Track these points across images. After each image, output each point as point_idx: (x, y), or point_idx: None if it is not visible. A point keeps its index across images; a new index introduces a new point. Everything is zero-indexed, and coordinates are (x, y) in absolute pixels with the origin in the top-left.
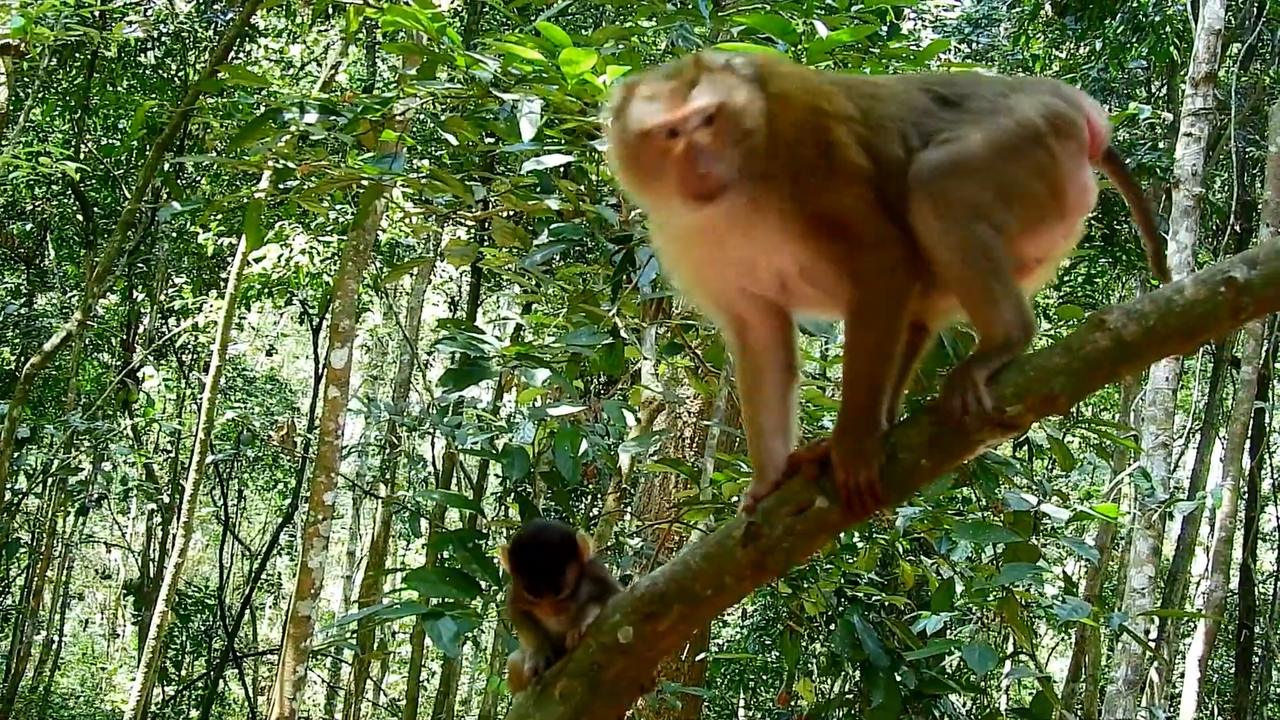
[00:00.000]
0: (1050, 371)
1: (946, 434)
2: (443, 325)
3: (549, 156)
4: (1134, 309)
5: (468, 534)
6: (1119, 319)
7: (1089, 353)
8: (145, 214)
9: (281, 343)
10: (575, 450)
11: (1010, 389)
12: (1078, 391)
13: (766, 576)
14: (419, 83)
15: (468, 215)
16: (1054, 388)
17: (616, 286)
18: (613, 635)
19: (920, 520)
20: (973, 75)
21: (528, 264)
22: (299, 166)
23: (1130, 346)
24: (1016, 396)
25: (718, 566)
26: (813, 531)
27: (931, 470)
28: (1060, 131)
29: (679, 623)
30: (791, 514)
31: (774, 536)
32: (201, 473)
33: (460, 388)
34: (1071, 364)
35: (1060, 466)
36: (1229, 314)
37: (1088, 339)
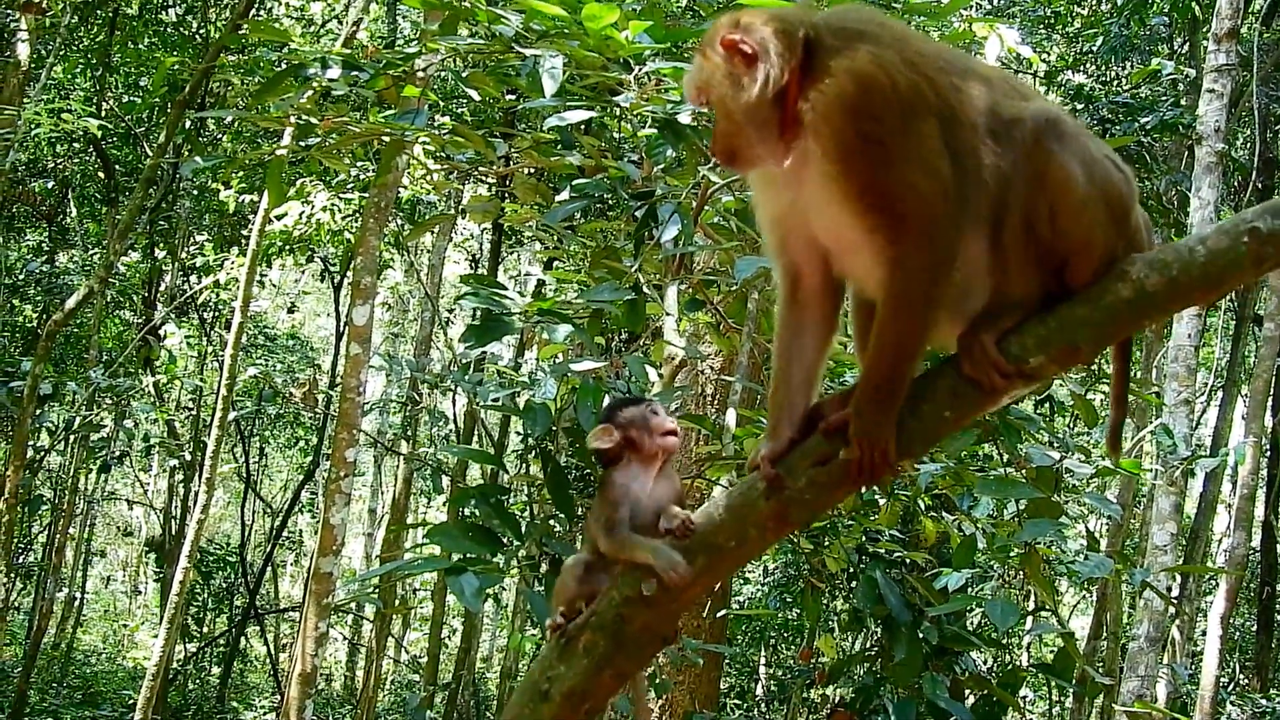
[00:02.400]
0: (1073, 322)
1: (968, 385)
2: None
3: (571, 112)
4: (1156, 259)
5: (490, 489)
6: (1141, 269)
7: (1111, 303)
8: (166, 171)
9: (303, 300)
10: (597, 406)
11: (1032, 340)
12: (1100, 342)
13: (789, 528)
14: (440, 38)
15: (489, 171)
16: (1076, 339)
17: (638, 243)
18: (635, 588)
19: (942, 476)
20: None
21: (549, 220)
22: (321, 123)
23: (1152, 297)
24: (1039, 347)
25: (741, 518)
26: (835, 483)
27: (955, 421)
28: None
29: (702, 574)
30: (813, 465)
31: (796, 488)
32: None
33: (482, 343)
34: (1094, 315)
35: (1084, 423)
36: (1251, 264)
37: (1110, 289)
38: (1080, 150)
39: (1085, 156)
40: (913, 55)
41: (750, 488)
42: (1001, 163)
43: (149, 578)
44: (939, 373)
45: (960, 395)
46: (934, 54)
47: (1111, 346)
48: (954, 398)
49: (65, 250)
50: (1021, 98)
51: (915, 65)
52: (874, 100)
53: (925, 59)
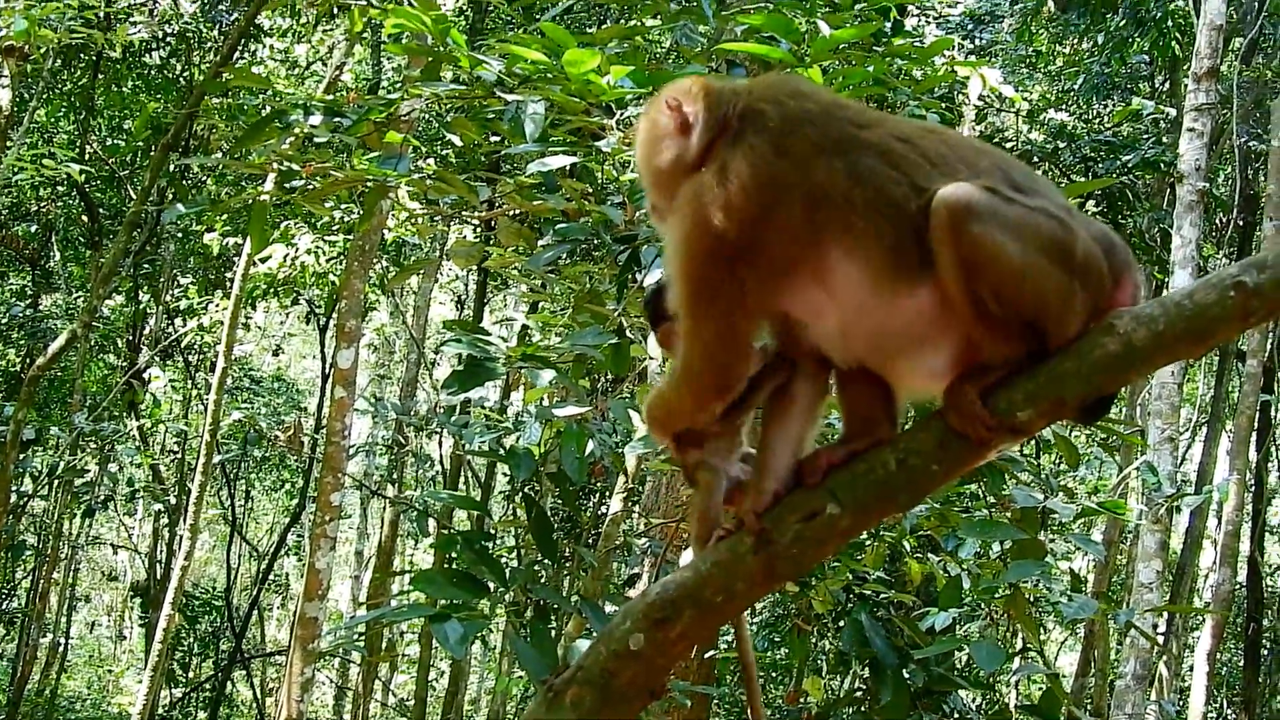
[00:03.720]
0: (1060, 377)
1: (956, 439)
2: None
3: (553, 157)
4: (1143, 314)
5: (475, 535)
6: (1128, 324)
7: (1099, 358)
8: (150, 215)
9: (288, 343)
10: (581, 450)
11: (1020, 394)
12: (1087, 397)
13: (776, 583)
14: (423, 84)
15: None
16: (1064, 393)
17: (622, 286)
18: (624, 642)
19: (927, 518)
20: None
21: (533, 264)
22: (303, 168)
23: (1140, 351)
24: (1027, 402)
25: (728, 573)
26: (822, 538)
27: (944, 475)
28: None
29: (690, 629)
30: (800, 520)
31: (783, 543)
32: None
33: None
34: (1081, 369)
35: (1066, 462)
36: (1238, 317)
37: (1098, 344)
38: (1002, 221)
39: (1009, 224)
40: (794, 143)
41: (737, 542)
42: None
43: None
44: (926, 426)
45: (948, 449)
46: (829, 136)
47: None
48: (942, 451)
49: (49, 294)
50: (935, 165)
51: (792, 155)
52: (710, 210)
53: (805, 145)
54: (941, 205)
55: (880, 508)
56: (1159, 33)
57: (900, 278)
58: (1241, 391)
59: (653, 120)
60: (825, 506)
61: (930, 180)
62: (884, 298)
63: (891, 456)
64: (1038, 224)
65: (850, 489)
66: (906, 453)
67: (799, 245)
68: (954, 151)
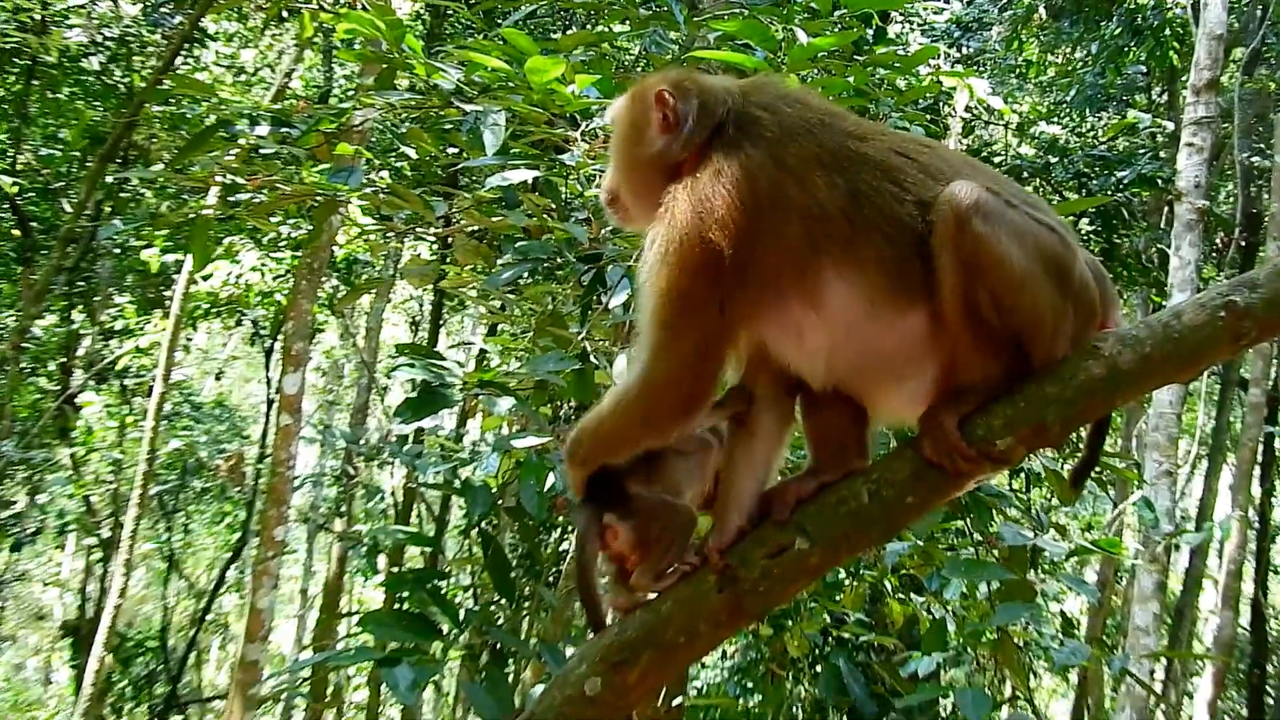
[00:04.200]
0: (1042, 401)
1: (932, 470)
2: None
3: (514, 171)
4: (1129, 335)
5: (427, 574)
6: (1114, 346)
7: (1083, 381)
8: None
9: (230, 366)
10: (542, 483)
11: (1000, 420)
12: (1071, 422)
13: (743, 621)
14: (377, 92)
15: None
16: (1046, 418)
17: (586, 308)
18: (579, 686)
19: (909, 556)
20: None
21: (491, 284)
22: (249, 181)
23: (1126, 375)
24: (1006, 428)
25: (691, 612)
26: (791, 575)
27: (919, 506)
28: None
29: (650, 672)
30: (768, 557)
31: (750, 580)
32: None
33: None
34: (1064, 393)
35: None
36: (1229, 340)
37: (1081, 367)
38: (1009, 225)
39: (1015, 230)
40: (790, 156)
41: (700, 579)
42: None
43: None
44: (900, 455)
45: (923, 480)
46: (828, 149)
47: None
48: (917, 482)
49: None
50: (935, 179)
51: (789, 168)
52: (703, 222)
53: (805, 158)
54: (948, 203)
55: (852, 543)
56: (1156, 42)
57: (896, 298)
58: (1244, 423)
59: (639, 107)
60: (794, 541)
61: (931, 193)
62: (878, 319)
63: (864, 488)
64: (1041, 235)
65: (820, 523)
66: (880, 484)
67: (794, 264)
68: (950, 165)
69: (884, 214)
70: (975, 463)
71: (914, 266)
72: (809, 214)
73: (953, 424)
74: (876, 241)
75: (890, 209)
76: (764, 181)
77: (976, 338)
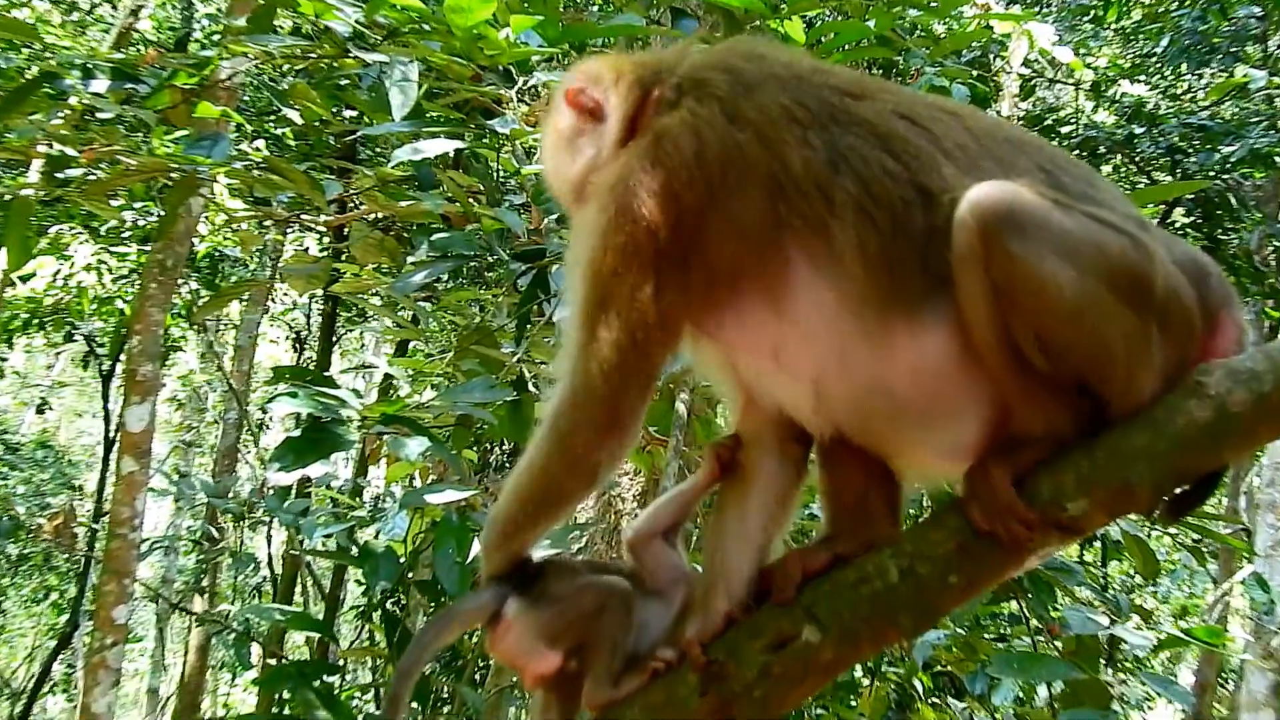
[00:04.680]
0: (1127, 455)
1: (981, 540)
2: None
3: (429, 141)
4: (1242, 368)
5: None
6: (1221, 382)
7: (1181, 429)
8: None
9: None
10: (464, 551)
11: (1071, 477)
12: (1165, 482)
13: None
14: (249, 37)
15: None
16: (1131, 477)
17: (523, 321)
18: None
19: (947, 648)
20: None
21: (399, 290)
22: (83, 152)
23: (1237, 419)
24: (1080, 489)
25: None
26: (796, 675)
27: (964, 589)
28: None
29: None
30: (766, 650)
31: (743, 680)
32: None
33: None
34: (1156, 444)
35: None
36: None
37: (1178, 409)
38: (1054, 237)
39: (1063, 243)
40: (751, 109)
41: (677, 682)
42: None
43: None
44: (940, 522)
45: (970, 553)
46: (803, 103)
47: None
48: (962, 557)
49: None
50: (949, 158)
51: (748, 122)
52: (631, 193)
53: (770, 111)
54: (971, 212)
55: (876, 633)
56: None
57: (895, 309)
58: None
59: (557, 120)
60: (800, 631)
61: (942, 180)
62: (873, 337)
63: (892, 563)
64: (1103, 243)
65: (835, 607)
66: (913, 558)
67: (748, 252)
68: (980, 141)
69: (872, 194)
70: (1038, 531)
71: (915, 271)
72: (773, 183)
73: (1007, 481)
74: (861, 230)
75: (882, 189)
76: (712, 139)
77: (1025, 380)
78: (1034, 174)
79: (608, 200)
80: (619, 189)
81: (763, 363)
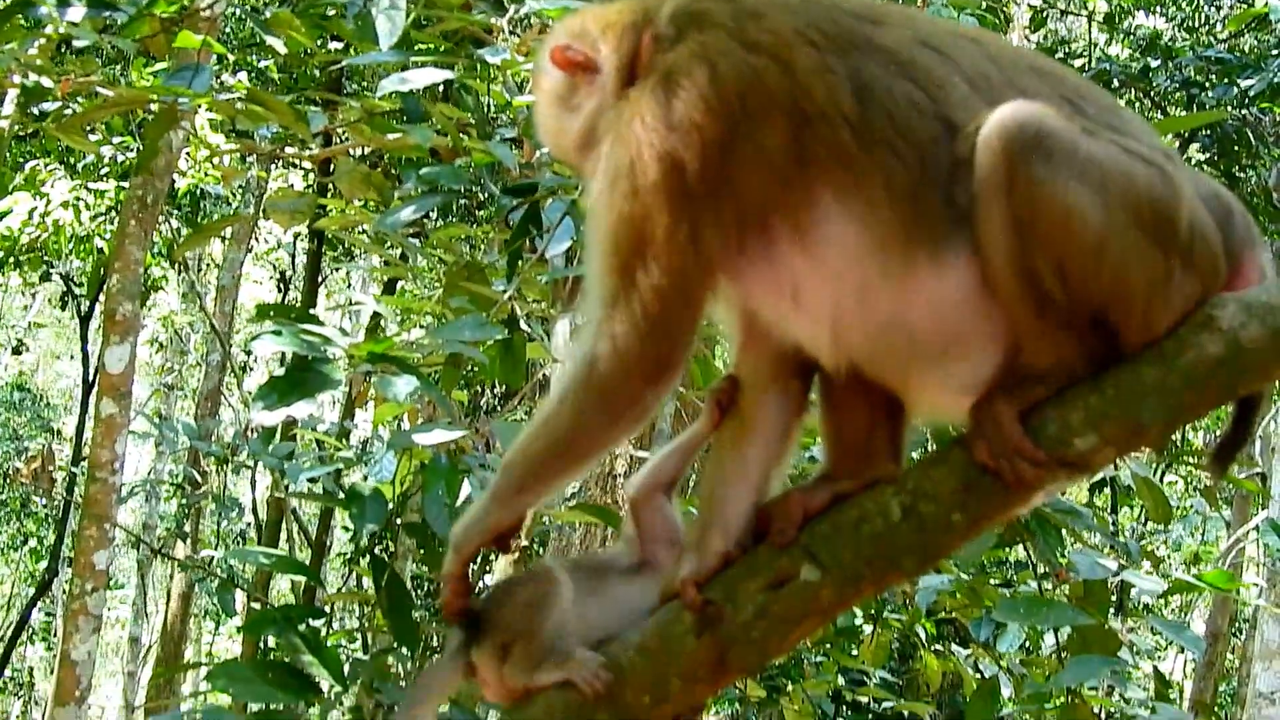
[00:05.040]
0: (1137, 391)
1: (986, 478)
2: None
3: (418, 71)
4: (1257, 301)
5: (300, 612)
6: (1235, 316)
7: (1192, 363)
8: None
9: (34, 336)
10: (454, 493)
11: (1079, 413)
12: (1175, 417)
13: (729, 677)
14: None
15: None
16: (1142, 414)
17: (515, 257)
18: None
19: (951, 594)
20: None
21: (386, 225)
22: (59, 84)
23: (1251, 354)
24: (1088, 424)
25: (660, 665)
26: (794, 616)
27: (967, 527)
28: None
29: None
30: (764, 590)
31: (739, 621)
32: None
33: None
34: (1167, 380)
35: (1153, 518)
36: None
37: (1190, 343)
38: (1081, 165)
39: (1090, 171)
40: (762, 33)
41: (672, 622)
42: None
43: None
44: (943, 459)
45: (975, 491)
46: (820, 28)
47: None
48: (966, 494)
49: None
50: (976, 88)
51: (761, 47)
52: (660, 131)
53: (784, 35)
54: (997, 135)
55: (877, 574)
56: None
57: (918, 246)
58: None
59: (548, 83)
60: (799, 570)
61: (967, 112)
62: (895, 275)
63: (894, 502)
64: (1131, 174)
65: (835, 547)
66: (915, 496)
67: (780, 185)
68: (1003, 70)
69: (898, 125)
70: (1044, 468)
71: (939, 207)
72: (796, 112)
73: (1013, 417)
74: (887, 163)
75: (907, 121)
76: (726, 68)
77: (1041, 313)
78: (1058, 105)
79: (625, 145)
80: (635, 132)
81: (781, 302)
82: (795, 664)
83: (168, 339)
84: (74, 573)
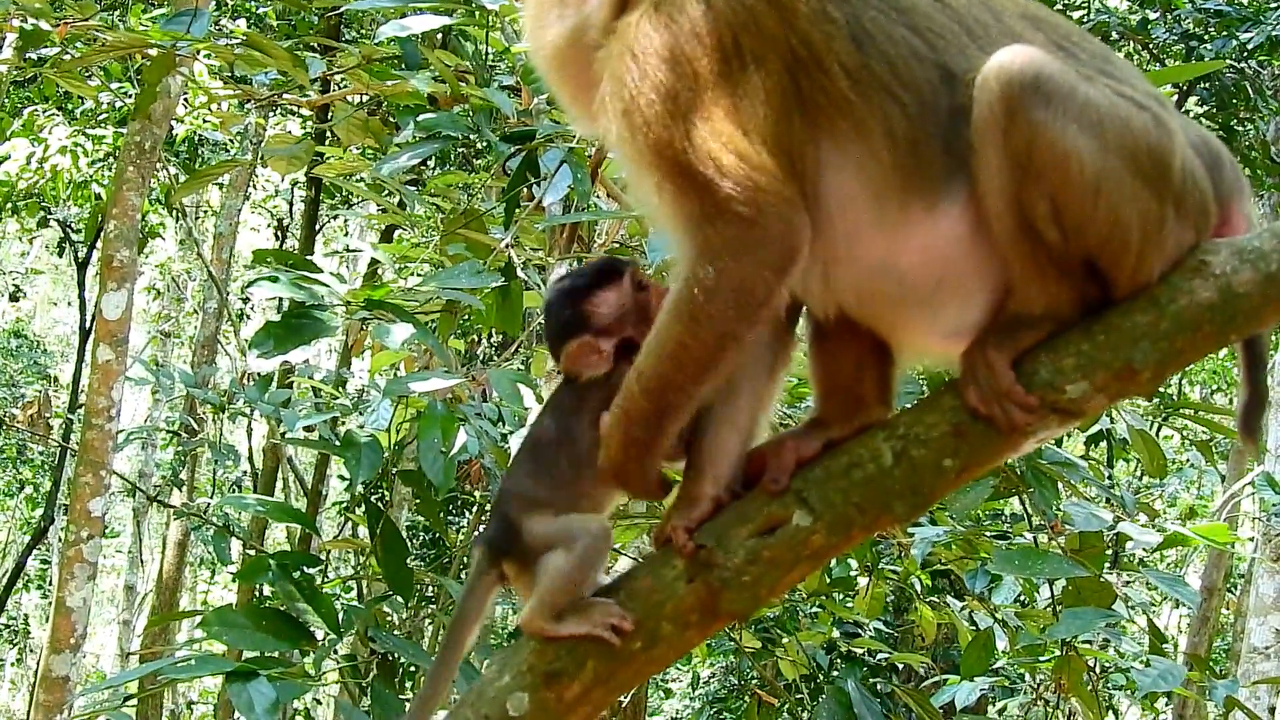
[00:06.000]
0: (1129, 336)
1: (977, 423)
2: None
3: (416, 18)
4: (1249, 247)
5: (296, 559)
6: (1227, 260)
7: (1184, 309)
8: None
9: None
10: (449, 442)
11: (1071, 359)
12: (1167, 363)
13: (720, 622)
14: None
15: (300, 101)
16: (1134, 359)
17: (512, 204)
18: (500, 705)
19: (946, 545)
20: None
21: (383, 171)
22: (56, 28)
23: (1243, 299)
24: (1080, 370)
25: (651, 609)
26: (786, 561)
27: (959, 473)
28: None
29: (594, 687)
30: (755, 535)
31: (732, 566)
32: None
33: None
34: (1159, 325)
35: (1149, 471)
36: None
37: (1182, 289)
38: (1078, 108)
39: (1087, 115)
40: None
41: (663, 566)
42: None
43: None
44: (935, 404)
45: (966, 437)
46: None
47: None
48: (957, 440)
49: None
50: (973, 36)
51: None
52: (672, 40)
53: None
54: (996, 78)
55: (869, 518)
56: None
57: (914, 193)
58: None
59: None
60: (791, 515)
61: (965, 58)
62: (889, 223)
63: (886, 446)
64: (1127, 119)
65: (826, 492)
66: (908, 441)
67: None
68: (999, 19)
69: (897, 73)
70: (1036, 414)
71: (936, 154)
72: (793, 58)
73: (1005, 363)
74: (888, 113)
75: (905, 68)
76: (720, 3)
77: (1034, 258)
78: (1053, 51)
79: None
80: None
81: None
82: (790, 615)
83: (165, 286)
84: (70, 520)
